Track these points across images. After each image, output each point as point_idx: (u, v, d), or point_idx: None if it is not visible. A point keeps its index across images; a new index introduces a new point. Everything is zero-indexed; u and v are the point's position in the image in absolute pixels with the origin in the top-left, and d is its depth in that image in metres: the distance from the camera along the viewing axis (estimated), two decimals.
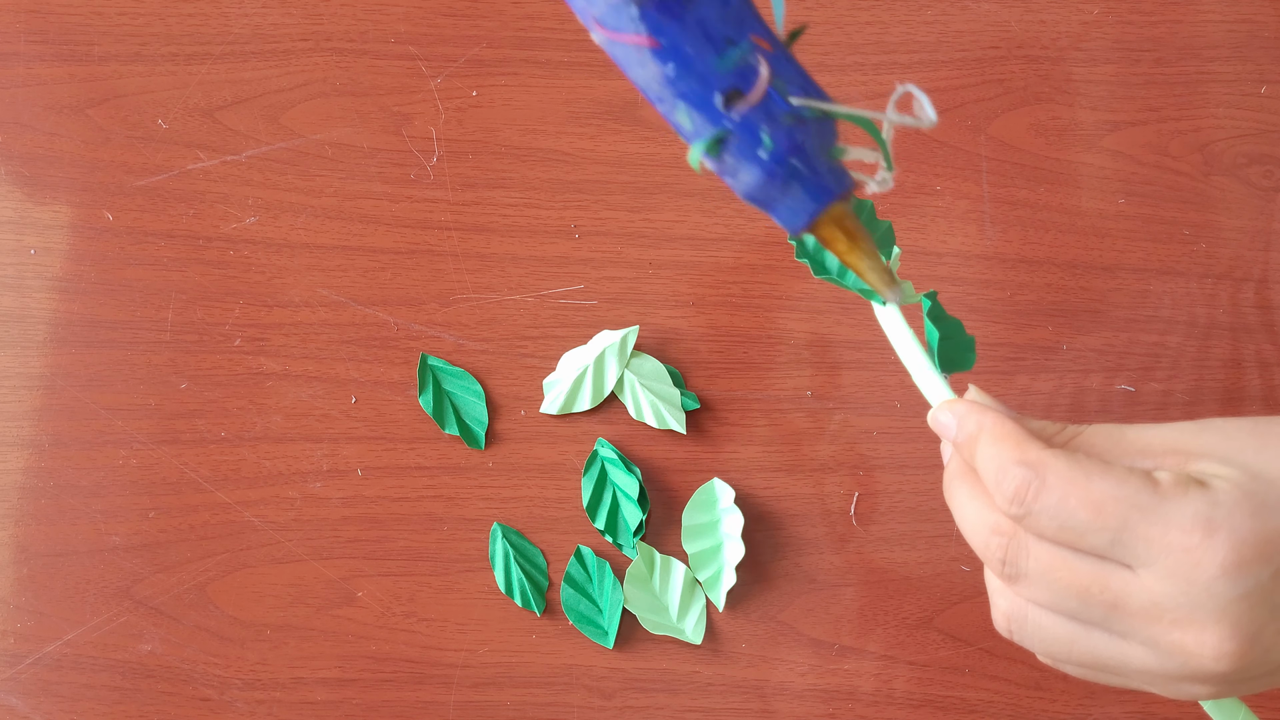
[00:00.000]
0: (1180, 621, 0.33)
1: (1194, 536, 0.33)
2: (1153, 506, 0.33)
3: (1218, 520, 0.33)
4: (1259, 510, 0.33)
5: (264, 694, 0.57)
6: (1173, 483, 0.34)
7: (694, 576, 0.58)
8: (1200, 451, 0.35)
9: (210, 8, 0.62)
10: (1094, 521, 0.34)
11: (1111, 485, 0.34)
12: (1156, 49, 0.62)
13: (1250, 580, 0.33)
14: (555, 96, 0.62)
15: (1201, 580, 0.33)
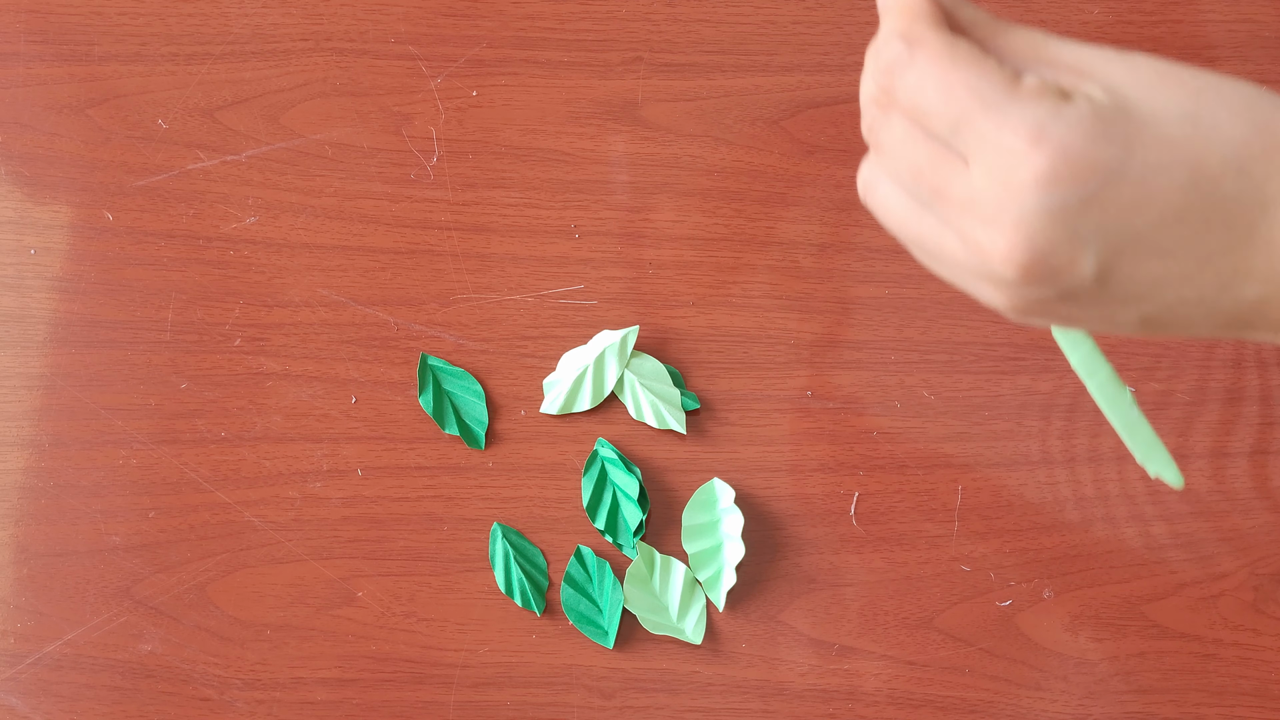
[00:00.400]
0: (985, 219, 0.34)
1: (1020, 141, 0.33)
2: (998, 104, 0.33)
3: (1049, 132, 0.33)
4: (1097, 137, 0.33)
5: (264, 694, 0.57)
6: (1033, 88, 0.34)
7: (694, 576, 0.58)
8: (1101, 74, 0.35)
9: (210, 8, 0.62)
10: (941, 106, 0.34)
11: (970, 75, 0.34)
12: (1156, 49, 0.62)
13: (1056, 198, 0.33)
14: (555, 96, 0.62)
15: (1014, 184, 0.33)
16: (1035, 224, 0.33)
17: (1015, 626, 0.58)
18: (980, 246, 0.34)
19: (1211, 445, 0.59)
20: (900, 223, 0.37)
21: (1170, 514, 0.58)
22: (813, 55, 0.62)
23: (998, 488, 0.59)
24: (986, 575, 0.58)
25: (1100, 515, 0.58)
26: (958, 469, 0.59)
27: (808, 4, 0.62)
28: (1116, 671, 0.58)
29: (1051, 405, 0.59)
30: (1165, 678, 0.58)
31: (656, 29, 0.62)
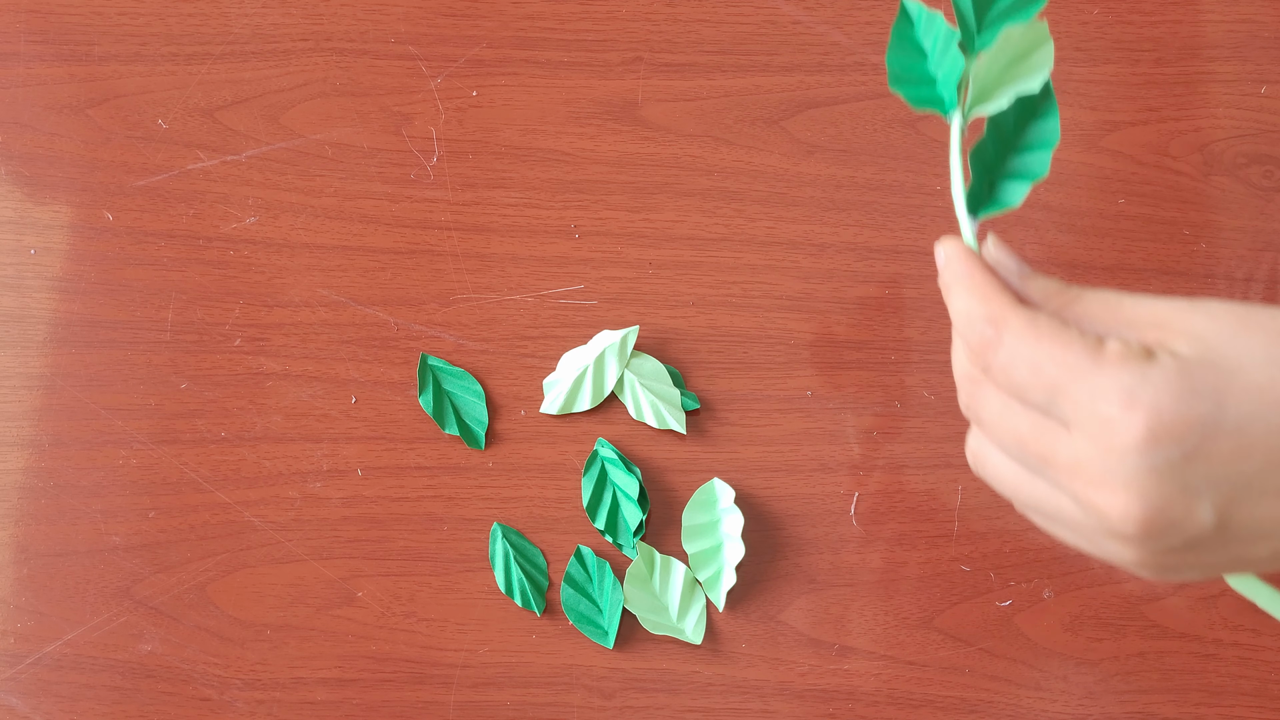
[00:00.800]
0: (1095, 482, 0.35)
1: (1114, 408, 0.34)
2: (1087, 373, 0.35)
3: (1140, 396, 0.34)
4: (1187, 394, 0.34)
5: (264, 694, 0.57)
6: (1117, 353, 0.35)
7: (694, 576, 0.58)
8: (1180, 329, 0.36)
9: (210, 8, 0.62)
10: (1034, 381, 0.36)
11: (1056, 348, 0.36)
12: (1156, 49, 0.62)
13: (1160, 457, 0.34)
14: (555, 96, 0.62)
15: (1117, 449, 0.34)
16: (1145, 482, 0.34)
17: (1015, 626, 0.58)
18: (1096, 507, 0.35)
19: None
20: (1014, 489, 0.39)
21: None
22: (813, 55, 0.62)
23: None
24: (986, 575, 0.58)
25: None
26: (958, 469, 0.59)
27: (808, 4, 0.62)
28: (1116, 671, 0.58)
29: None
30: (1165, 678, 0.58)
31: (656, 29, 0.62)
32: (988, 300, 0.38)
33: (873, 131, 0.61)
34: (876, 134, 0.61)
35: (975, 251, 0.41)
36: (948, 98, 0.43)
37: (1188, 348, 0.35)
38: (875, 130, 0.61)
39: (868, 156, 0.61)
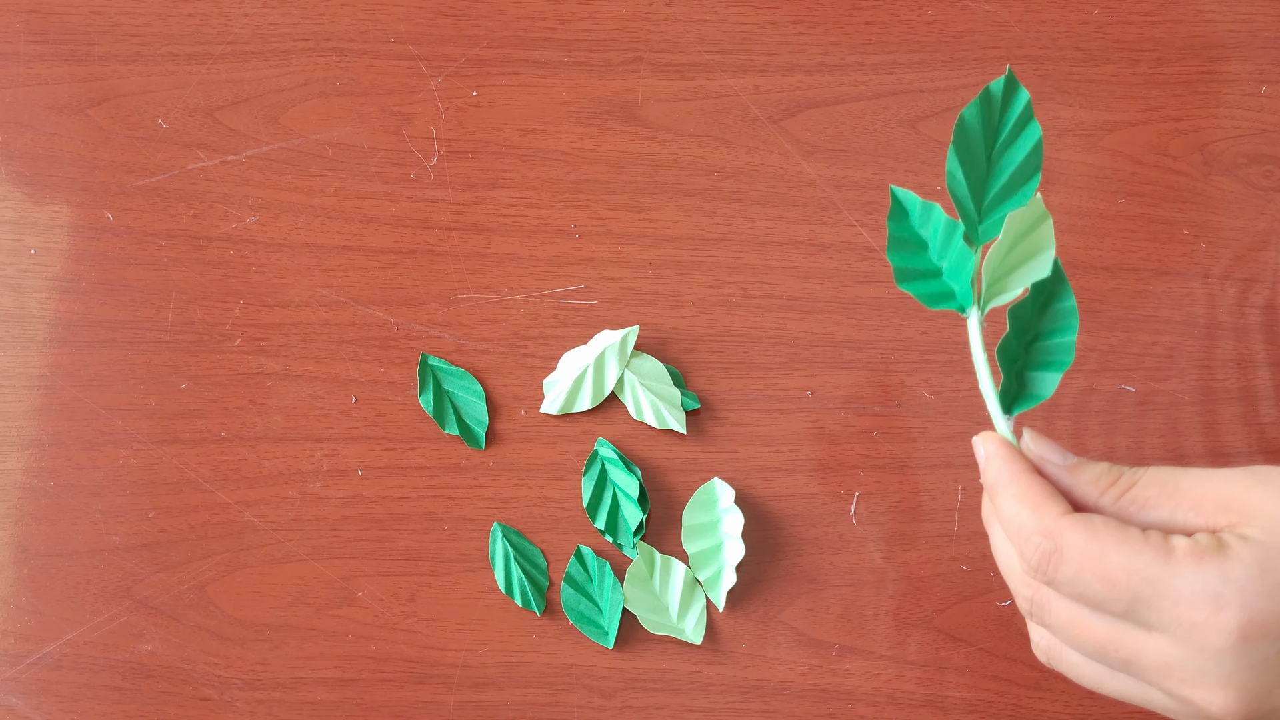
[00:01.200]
0: (1189, 681, 0.35)
1: (1202, 612, 0.34)
2: (1164, 580, 0.35)
3: (1226, 597, 0.34)
4: (1272, 587, 0.34)
5: (264, 694, 0.57)
6: (1188, 552, 0.35)
7: (694, 576, 0.58)
8: (1249, 510, 0.36)
9: (210, 8, 0.62)
10: (1109, 593, 0.36)
11: (1126, 558, 0.35)
12: (1156, 49, 0.62)
13: (1256, 654, 0.34)
14: (555, 96, 0.62)
15: (1209, 650, 0.34)
16: (1244, 679, 0.34)
17: (1015, 626, 0.58)
18: (1193, 703, 0.35)
19: (1211, 445, 0.59)
20: (1097, 683, 0.39)
21: None
22: (813, 55, 0.62)
23: None
24: (986, 575, 0.58)
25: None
26: (958, 469, 0.59)
27: (808, 4, 0.62)
28: None
29: (1053, 405, 0.59)
30: None
31: (656, 29, 0.62)
32: (1039, 510, 0.38)
33: (873, 131, 0.61)
34: (876, 134, 0.61)
35: (1016, 448, 0.40)
36: (960, 293, 0.42)
37: (1261, 533, 0.35)
38: (875, 130, 0.61)
39: (868, 156, 0.61)
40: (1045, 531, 0.37)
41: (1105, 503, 0.39)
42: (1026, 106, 0.42)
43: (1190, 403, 0.59)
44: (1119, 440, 0.59)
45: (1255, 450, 0.59)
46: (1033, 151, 0.42)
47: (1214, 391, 0.59)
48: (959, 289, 0.42)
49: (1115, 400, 0.59)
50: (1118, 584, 0.35)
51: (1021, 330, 0.42)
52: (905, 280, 0.43)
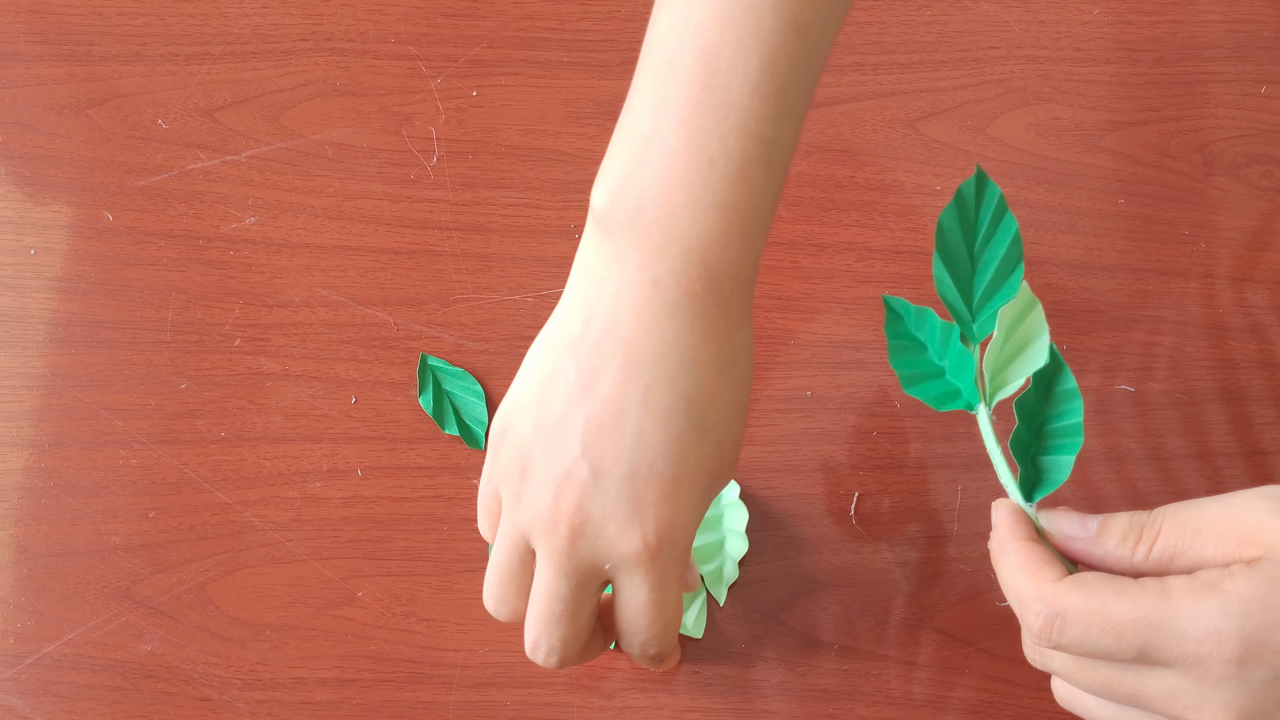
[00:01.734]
0: (1192, 707, 0.38)
1: (1206, 646, 0.37)
2: (1168, 622, 0.37)
3: (1227, 632, 0.37)
4: (1270, 625, 0.37)
5: (264, 694, 0.57)
6: (1186, 590, 0.38)
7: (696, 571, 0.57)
8: (1268, 548, 0.38)
9: (210, 8, 0.62)
10: (1119, 644, 0.38)
11: (1128, 609, 0.38)
12: (1156, 49, 0.62)
13: (1253, 679, 0.37)
14: (555, 96, 0.62)
15: (1212, 679, 0.37)
16: (1241, 702, 0.37)
17: (1015, 626, 0.58)
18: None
19: (1211, 445, 0.59)
20: (1110, 717, 0.42)
21: None
22: None
23: (997, 488, 0.58)
24: (986, 575, 0.58)
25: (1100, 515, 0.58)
26: (957, 469, 0.59)
27: None
28: None
29: None
30: None
31: None
32: (1036, 577, 0.40)
33: (873, 131, 0.61)
34: (876, 134, 0.61)
35: (1023, 514, 0.42)
36: (966, 391, 0.44)
37: (1271, 564, 0.38)
38: (875, 130, 0.61)
39: (867, 156, 0.61)
40: (1043, 598, 0.39)
41: (1139, 563, 0.41)
42: (1000, 201, 0.43)
43: (1190, 403, 0.59)
44: (1119, 440, 0.59)
45: (1255, 450, 0.59)
46: (1012, 244, 0.43)
47: (1214, 391, 0.59)
48: (964, 387, 0.44)
49: (1115, 400, 0.59)
50: (1125, 634, 0.38)
51: (1029, 419, 0.44)
52: (911, 385, 0.45)
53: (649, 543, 0.42)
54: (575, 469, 0.42)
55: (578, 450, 0.41)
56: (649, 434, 0.41)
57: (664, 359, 0.41)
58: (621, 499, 0.41)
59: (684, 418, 0.41)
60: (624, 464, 0.41)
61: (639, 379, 0.41)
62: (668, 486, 0.42)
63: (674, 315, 0.41)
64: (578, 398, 0.41)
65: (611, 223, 0.41)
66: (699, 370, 0.41)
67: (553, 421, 0.42)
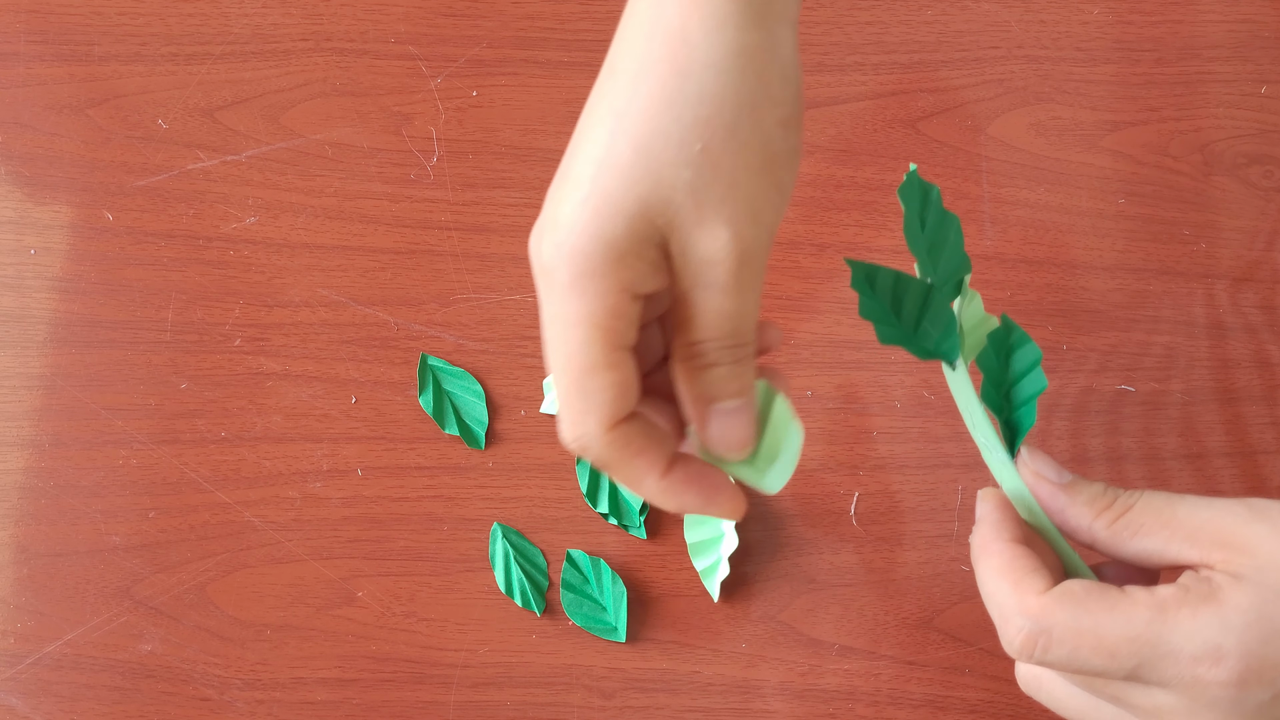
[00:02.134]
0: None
1: (1204, 664, 0.34)
2: (1164, 639, 0.35)
3: (1227, 648, 0.34)
4: (1269, 637, 0.35)
5: (264, 694, 0.57)
6: (1181, 603, 0.35)
7: (790, 414, 0.43)
8: (1246, 546, 0.36)
9: (210, 8, 0.62)
10: (1110, 665, 0.35)
11: (1121, 627, 0.35)
12: (1156, 49, 0.62)
13: (1251, 701, 0.35)
14: (555, 96, 0.62)
15: (1205, 698, 0.35)
16: (1234, 717, 0.35)
17: None
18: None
19: (1210, 445, 0.59)
20: (1079, 715, 0.39)
21: None
22: (813, 55, 0.62)
23: None
24: None
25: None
26: (958, 469, 0.59)
27: (808, 4, 0.62)
28: None
29: (1053, 405, 0.59)
30: None
31: None
32: (1019, 587, 0.37)
33: (873, 131, 0.61)
34: (876, 134, 0.61)
35: (1005, 513, 0.40)
36: (947, 348, 0.42)
37: (1256, 573, 0.35)
38: (875, 130, 0.61)
39: (868, 156, 0.61)
40: (1028, 612, 0.36)
41: (1099, 527, 0.38)
42: (938, 200, 0.41)
43: (1190, 403, 0.59)
44: (1119, 440, 0.59)
45: (1256, 450, 0.59)
46: (955, 235, 0.42)
47: (1214, 391, 0.59)
48: (948, 347, 0.42)
49: (1115, 400, 0.59)
50: (1118, 654, 0.35)
51: (996, 380, 0.42)
52: (888, 339, 0.43)
53: (540, 242, 0.35)
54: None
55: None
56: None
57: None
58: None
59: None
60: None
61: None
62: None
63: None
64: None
65: None
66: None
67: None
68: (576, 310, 0.33)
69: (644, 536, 0.58)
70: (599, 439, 0.35)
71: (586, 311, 0.33)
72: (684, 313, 0.35)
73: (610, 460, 0.35)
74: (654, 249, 0.34)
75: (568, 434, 0.35)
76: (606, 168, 0.33)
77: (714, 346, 0.35)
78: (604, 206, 0.33)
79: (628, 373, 0.34)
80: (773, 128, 0.34)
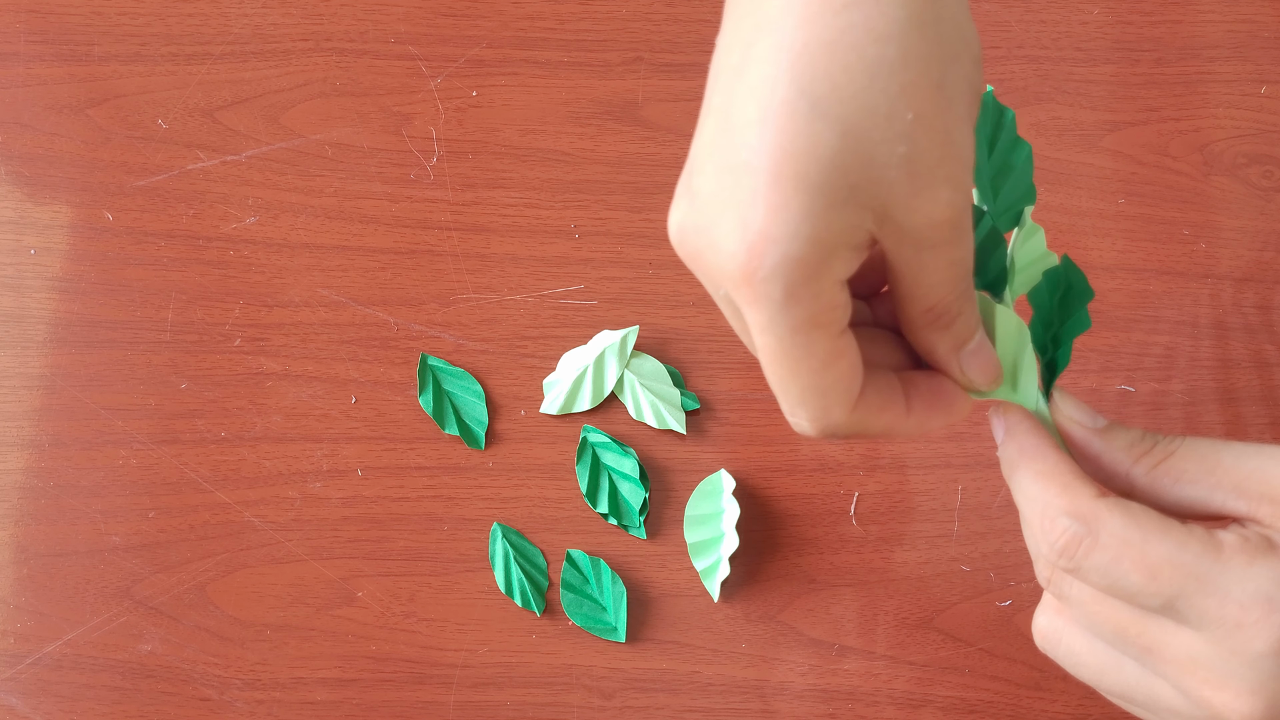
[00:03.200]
0: (1213, 682, 0.33)
1: (1252, 613, 0.32)
2: (1212, 577, 0.32)
3: (1278, 600, 0.32)
4: None
5: (264, 694, 0.57)
6: (1239, 548, 0.33)
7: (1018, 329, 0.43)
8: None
9: (210, 8, 0.62)
10: (1148, 586, 0.33)
11: (1170, 549, 0.33)
12: (1156, 49, 0.62)
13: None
14: (555, 96, 0.62)
15: (1248, 654, 0.32)
16: (1274, 688, 0.32)
17: (1015, 626, 0.58)
18: (1210, 705, 0.33)
19: None
20: (1098, 674, 0.36)
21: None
22: None
23: (998, 488, 0.59)
24: (986, 575, 0.58)
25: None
26: (958, 469, 0.59)
27: None
28: None
29: None
30: None
31: (656, 29, 0.62)
32: (1070, 489, 0.34)
33: None
34: None
35: (1040, 422, 0.37)
36: (994, 279, 0.39)
37: None
38: None
39: None
40: (1078, 513, 0.34)
41: (1138, 472, 0.36)
42: (1009, 121, 0.40)
43: (1191, 403, 0.59)
44: None
45: None
46: (1023, 162, 0.40)
47: (1214, 391, 0.59)
48: (990, 275, 0.40)
49: (1116, 400, 0.59)
50: (1160, 576, 0.33)
51: (1046, 319, 0.40)
52: None
53: (742, 256, 0.31)
54: (682, 178, 0.34)
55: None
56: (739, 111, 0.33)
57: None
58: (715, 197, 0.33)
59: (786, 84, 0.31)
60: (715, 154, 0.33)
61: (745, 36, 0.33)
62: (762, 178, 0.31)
63: None
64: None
65: None
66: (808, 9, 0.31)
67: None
68: (796, 318, 0.32)
69: (644, 536, 0.58)
70: (845, 423, 0.34)
71: (806, 316, 0.32)
72: (911, 278, 0.33)
73: (860, 431, 0.34)
74: (863, 232, 0.32)
75: (812, 429, 0.34)
76: (811, 160, 0.30)
77: (951, 301, 0.33)
78: (813, 206, 0.31)
79: (854, 352, 0.33)
80: (972, 70, 0.32)
